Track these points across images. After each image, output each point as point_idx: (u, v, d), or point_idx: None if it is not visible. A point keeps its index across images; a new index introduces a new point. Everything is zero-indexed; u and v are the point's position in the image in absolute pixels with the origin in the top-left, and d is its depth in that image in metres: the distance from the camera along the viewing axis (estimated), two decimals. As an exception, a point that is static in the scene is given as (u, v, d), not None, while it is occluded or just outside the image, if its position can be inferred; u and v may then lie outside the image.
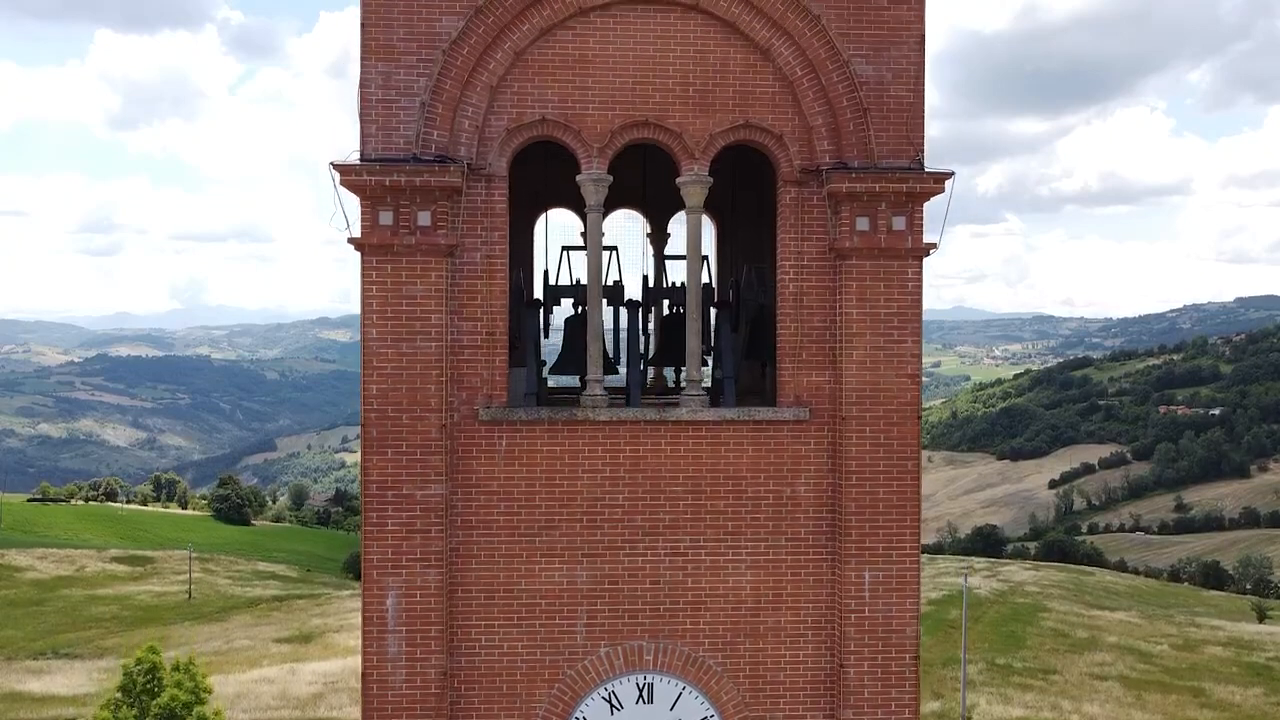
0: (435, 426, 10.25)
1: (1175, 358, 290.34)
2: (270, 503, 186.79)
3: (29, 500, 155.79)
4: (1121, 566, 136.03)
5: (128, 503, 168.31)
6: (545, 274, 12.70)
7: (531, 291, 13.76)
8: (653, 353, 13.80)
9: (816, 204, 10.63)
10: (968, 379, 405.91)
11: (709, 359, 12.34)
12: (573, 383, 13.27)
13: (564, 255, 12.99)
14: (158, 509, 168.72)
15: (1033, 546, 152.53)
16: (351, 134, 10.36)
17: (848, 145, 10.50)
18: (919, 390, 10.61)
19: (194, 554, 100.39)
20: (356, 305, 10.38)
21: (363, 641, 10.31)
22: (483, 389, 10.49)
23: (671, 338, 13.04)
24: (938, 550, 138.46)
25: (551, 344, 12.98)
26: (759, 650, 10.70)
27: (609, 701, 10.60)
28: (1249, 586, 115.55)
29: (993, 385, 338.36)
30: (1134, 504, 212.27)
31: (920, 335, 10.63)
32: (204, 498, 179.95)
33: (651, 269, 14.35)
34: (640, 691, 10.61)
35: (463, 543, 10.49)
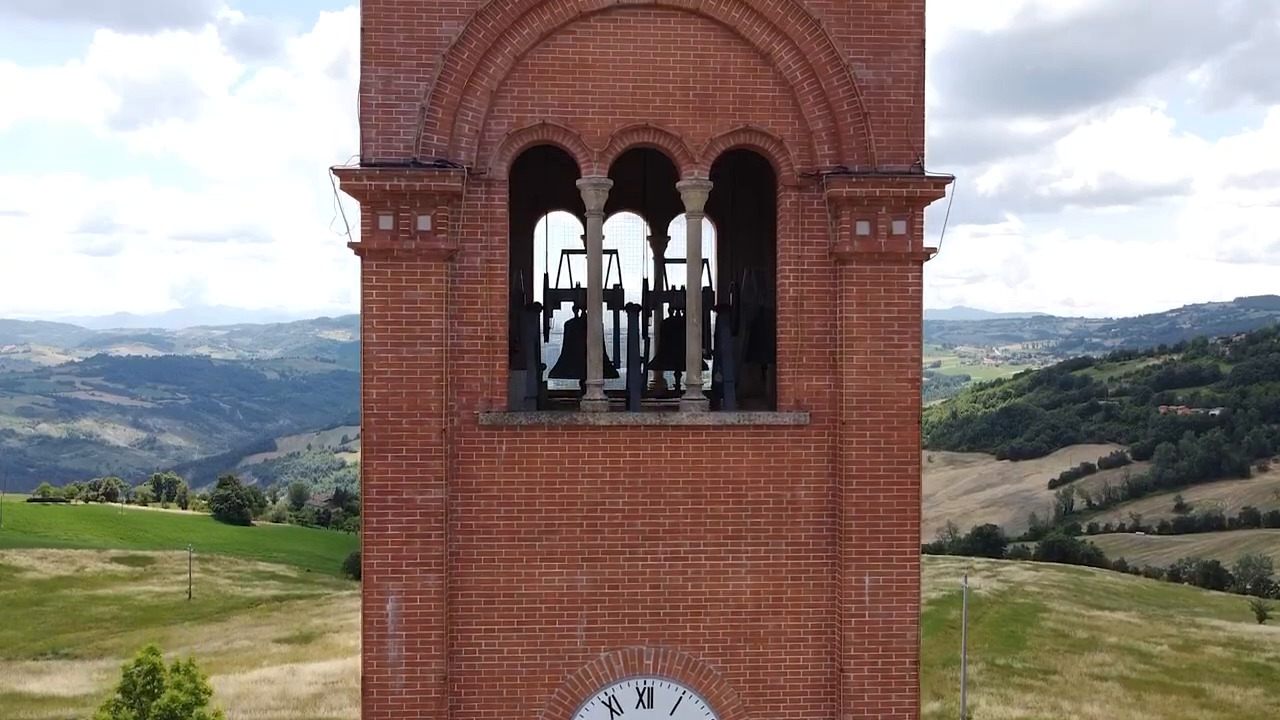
0: (435, 431, 10.25)
1: (1175, 358, 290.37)
2: (270, 503, 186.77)
3: (29, 500, 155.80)
4: (1121, 566, 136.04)
5: (128, 503, 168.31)
6: (545, 277, 12.70)
7: (532, 295, 13.75)
8: (653, 356, 13.80)
9: (817, 208, 10.63)
10: (968, 379, 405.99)
11: (709, 362, 12.34)
12: (573, 385, 13.28)
13: (564, 258, 13.00)
14: (158, 509, 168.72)
15: (1033, 546, 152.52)
16: (351, 134, 10.38)
17: (848, 150, 10.50)
18: (919, 395, 10.61)
19: (194, 554, 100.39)
20: (356, 305, 10.39)
21: (363, 646, 10.31)
22: (483, 393, 10.49)
23: (672, 341, 13.04)
24: (938, 550, 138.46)
25: (552, 346, 12.99)
26: (759, 655, 10.70)
27: (609, 706, 10.60)
28: (1249, 587, 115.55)
29: (993, 385, 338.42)
30: (1134, 504, 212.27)
31: (921, 340, 10.64)
32: (204, 498, 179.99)
33: (651, 272, 14.36)
34: (640, 696, 10.61)
35: (463, 547, 10.49)
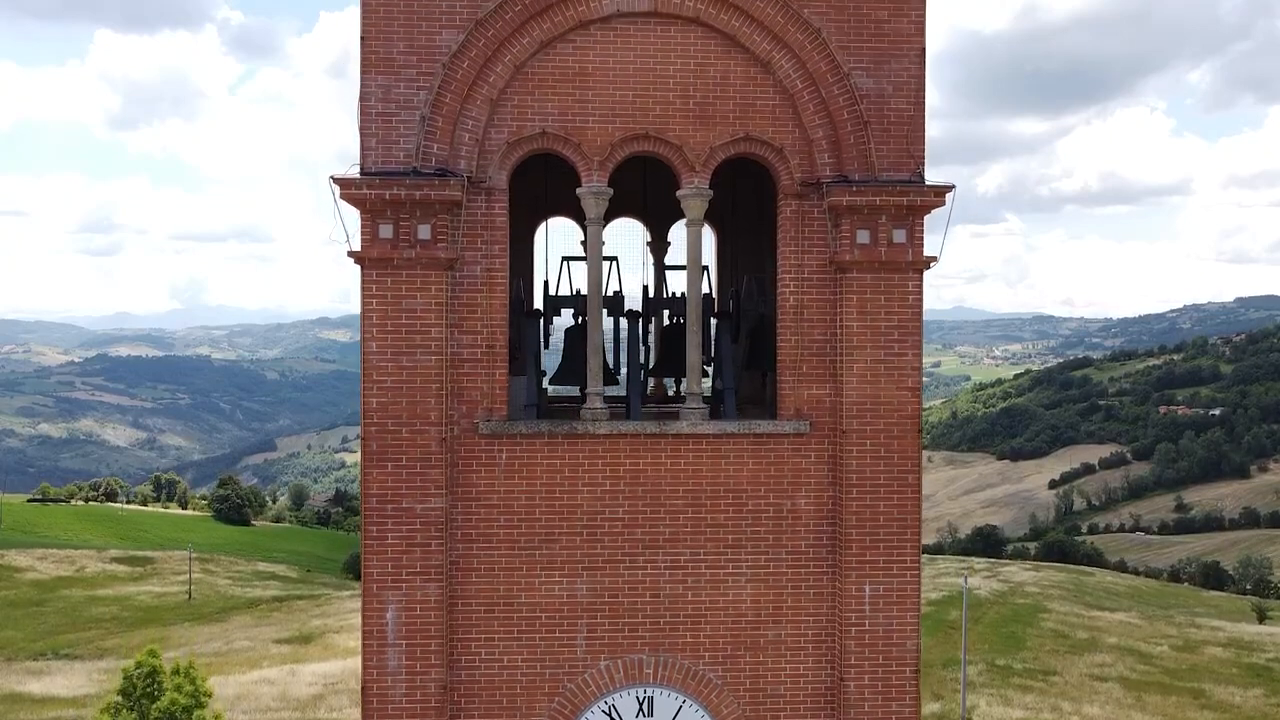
0: (435, 440, 10.25)
1: (1175, 358, 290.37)
2: (270, 503, 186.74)
3: (29, 500, 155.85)
4: (1121, 567, 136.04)
5: (128, 503, 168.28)
6: (545, 284, 12.69)
7: (531, 301, 13.75)
8: (653, 363, 13.79)
9: (817, 217, 10.63)
10: (968, 379, 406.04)
11: (709, 369, 12.34)
12: (574, 391, 13.27)
13: (564, 265, 12.99)
14: (158, 509, 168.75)
15: (1033, 547, 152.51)
16: (351, 134, 10.37)
17: (848, 158, 10.49)
18: (919, 403, 10.61)
19: (194, 554, 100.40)
20: (356, 305, 10.39)
21: (363, 655, 10.30)
22: (483, 402, 10.48)
23: (672, 348, 13.04)
24: (938, 550, 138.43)
25: (552, 351, 12.99)
26: (759, 663, 10.69)
27: (609, 715, 10.59)
28: (1249, 587, 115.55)
29: (993, 385, 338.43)
30: (1134, 504, 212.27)
31: (921, 348, 10.63)
32: (204, 498, 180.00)
33: (652, 278, 14.36)
34: (640, 705, 10.60)
35: (463, 556, 10.48)
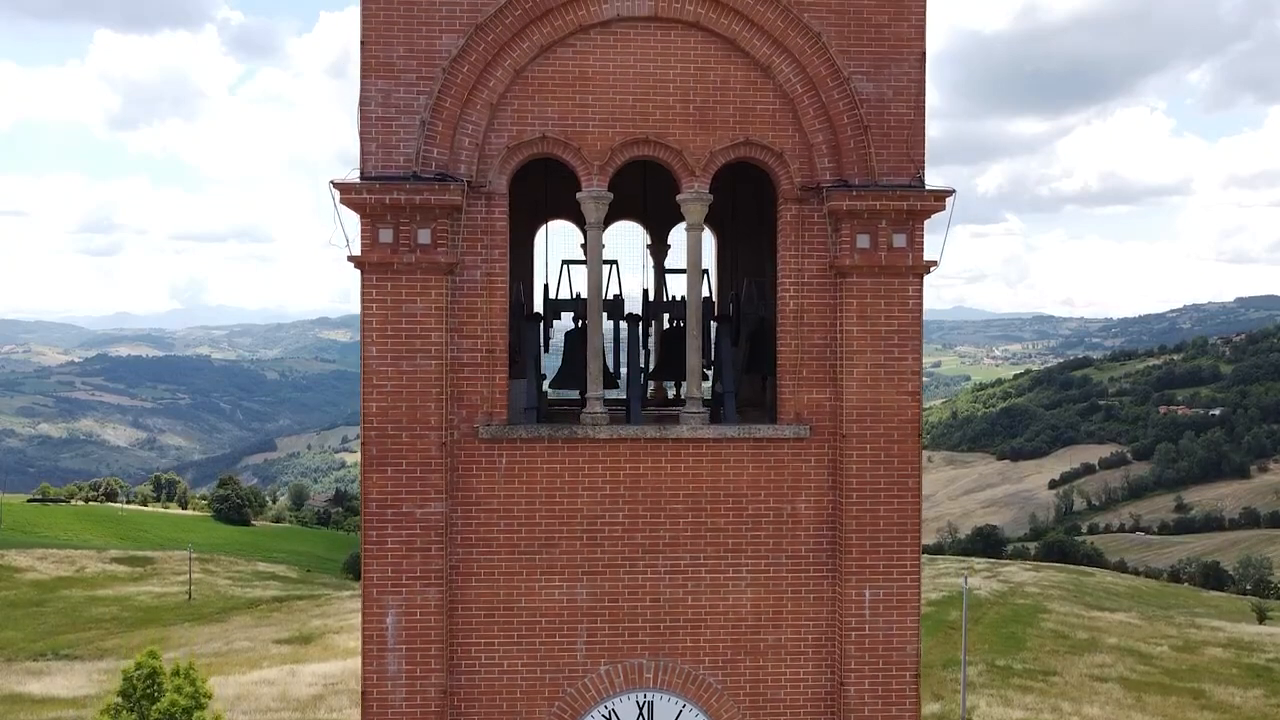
0: (435, 444, 10.25)
1: (1175, 358, 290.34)
2: (270, 503, 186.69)
3: (29, 500, 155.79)
4: (1121, 567, 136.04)
5: (128, 503, 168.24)
6: (545, 288, 12.69)
7: (532, 304, 13.75)
8: (653, 366, 13.79)
9: (817, 221, 10.63)
10: (968, 379, 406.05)
11: (709, 372, 12.34)
12: (574, 394, 13.26)
13: (564, 269, 12.99)
14: (158, 509, 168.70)
15: (1033, 547, 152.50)
16: (351, 134, 10.37)
17: (848, 163, 10.49)
18: (919, 408, 10.60)
19: (194, 554, 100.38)
20: (356, 305, 10.39)
21: (363, 660, 10.30)
22: (483, 406, 10.48)
23: (672, 351, 13.03)
24: (938, 550, 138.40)
25: (552, 354, 12.99)
26: (759, 668, 10.70)
27: None
28: (1249, 587, 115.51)
29: (993, 385, 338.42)
30: (1134, 504, 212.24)
31: (921, 353, 10.63)
32: (204, 498, 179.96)
33: (651, 280, 14.36)
34: (640, 709, 10.60)
35: (463, 560, 10.48)
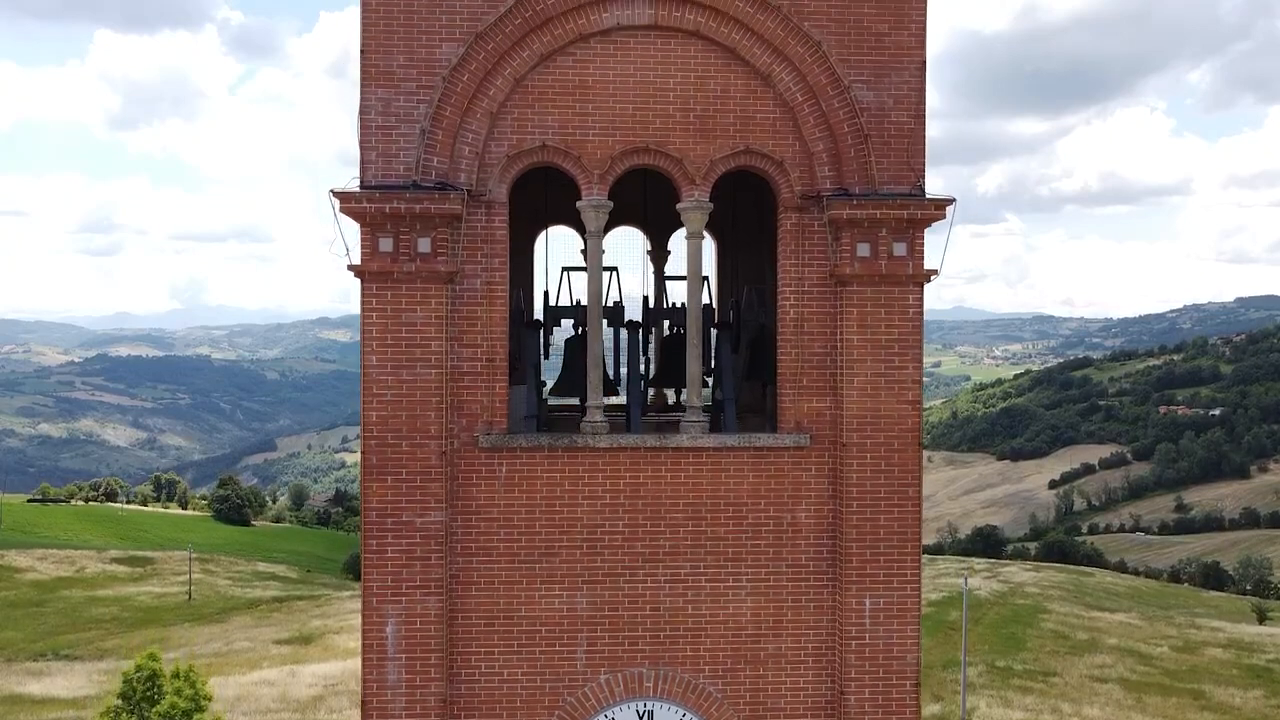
0: (435, 453, 10.24)
1: (1175, 358, 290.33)
2: (270, 503, 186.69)
3: (29, 501, 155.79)
4: (1121, 567, 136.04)
5: (128, 503, 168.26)
6: (545, 294, 12.68)
7: (532, 311, 13.74)
8: (653, 373, 13.78)
9: (817, 230, 10.62)
10: (968, 379, 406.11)
11: (709, 379, 12.33)
12: (574, 400, 13.25)
13: (564, 276, 12.98)
14: (158, 509, 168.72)
15: (1033, 547, 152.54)
16: (351, 134, 10.36)
17: (849, 171, 10.48)
18: (920, 417, 10.60)
19: (194, 555, 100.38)
20: (356, 305, 10.38)
21: (362, 669, 10.30)
22: (483, 415, 10.48)
23: (672, 358, 13.03)
24: (938, 550, 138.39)
25: (553, 359, 12.98)
26: (759, 677, 10.69)
27: (609, 728, 10.58)
28: (1249, 587, 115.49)
29: (993, 385, 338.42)
30: (1134, 504, 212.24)
31: (921, 361, 10.63)
32: (204, 498, 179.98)
33: (652, 286, 14.35)
34: (641, 718, 10.59)
35: (462, 569, 10.48)
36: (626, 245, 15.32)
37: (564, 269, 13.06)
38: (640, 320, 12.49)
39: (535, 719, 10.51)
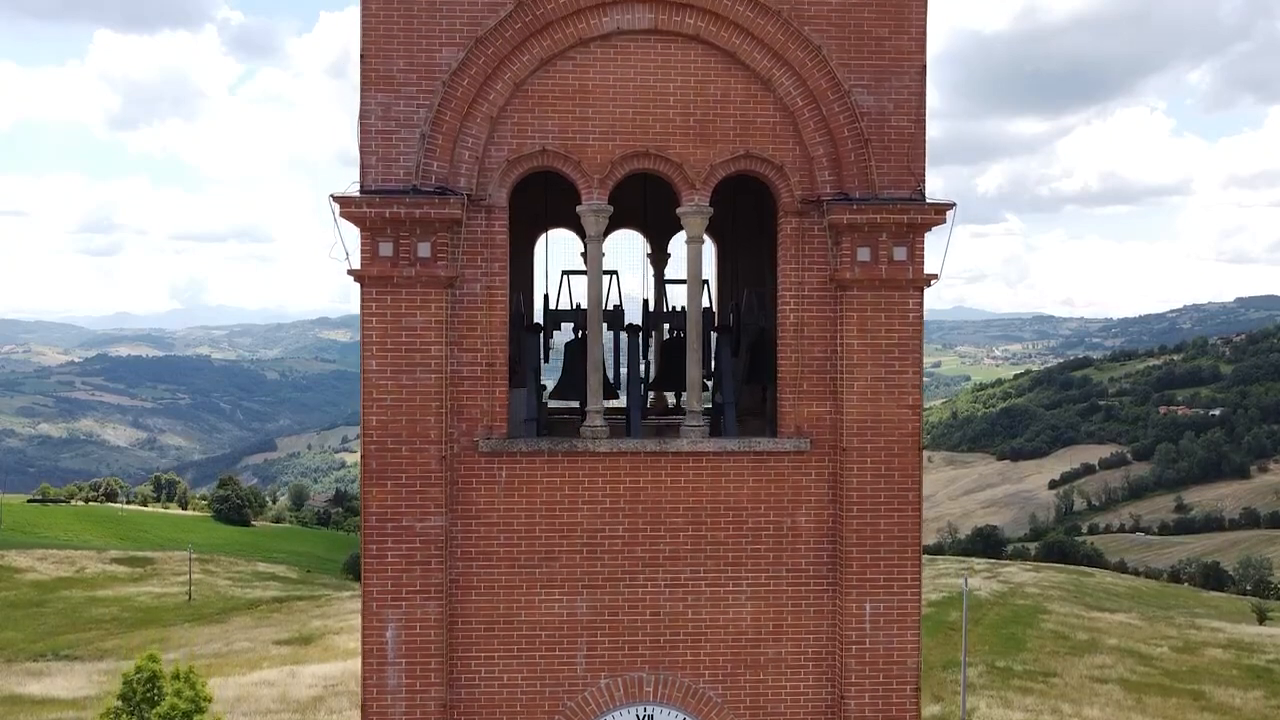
0: (435, 458, 10.24)
1: (1175, 358, 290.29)
2: (270, 503, 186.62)
3: (29, 501, 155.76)
4: (1121, 567, 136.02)
5: (128, 503, 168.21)
6: (545, 298, 12.68)
7: (531, 314, 13.73)
8: (653, 377, 13.78)
9: (817, 234, 10.62)
10: (968, 379, 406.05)
11: (709, 382, 12.33)
12: (574, 403, 13.25)
13: (564, 279, 12.98)
14: (158, 509, 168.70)
15: (1033, 547, 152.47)
16: (351, 134, 10.36)
17: (849, 176, 10.48)
18: (920, 421, 10.59)
19: (194, 555, 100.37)
20: (356, 305, 10.38)
21: (362, 673, 10.29)
22: (483, 420, 10.47)
23: (672, 362, 13.02)
24: (938, 551, 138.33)
25: (552, 362, 12.97)
26: (759, 681, 10.69)
27: (609, 733, 10.57)
28: (1249, 588, 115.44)
29: (993, 385, 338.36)
30: (1134, 504, 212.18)
31: (921, 366, 10.62)
32: (204, 498, 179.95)
33: (652, 289, 14.35)
34: (640, 723, 10.58)
35: (462, 574, 10.47)
36: (626, 248, 15.34)
37: (564, 272, 13.07)
38: (640, 323, 12.49)
39: (535, 724, 10.50)
